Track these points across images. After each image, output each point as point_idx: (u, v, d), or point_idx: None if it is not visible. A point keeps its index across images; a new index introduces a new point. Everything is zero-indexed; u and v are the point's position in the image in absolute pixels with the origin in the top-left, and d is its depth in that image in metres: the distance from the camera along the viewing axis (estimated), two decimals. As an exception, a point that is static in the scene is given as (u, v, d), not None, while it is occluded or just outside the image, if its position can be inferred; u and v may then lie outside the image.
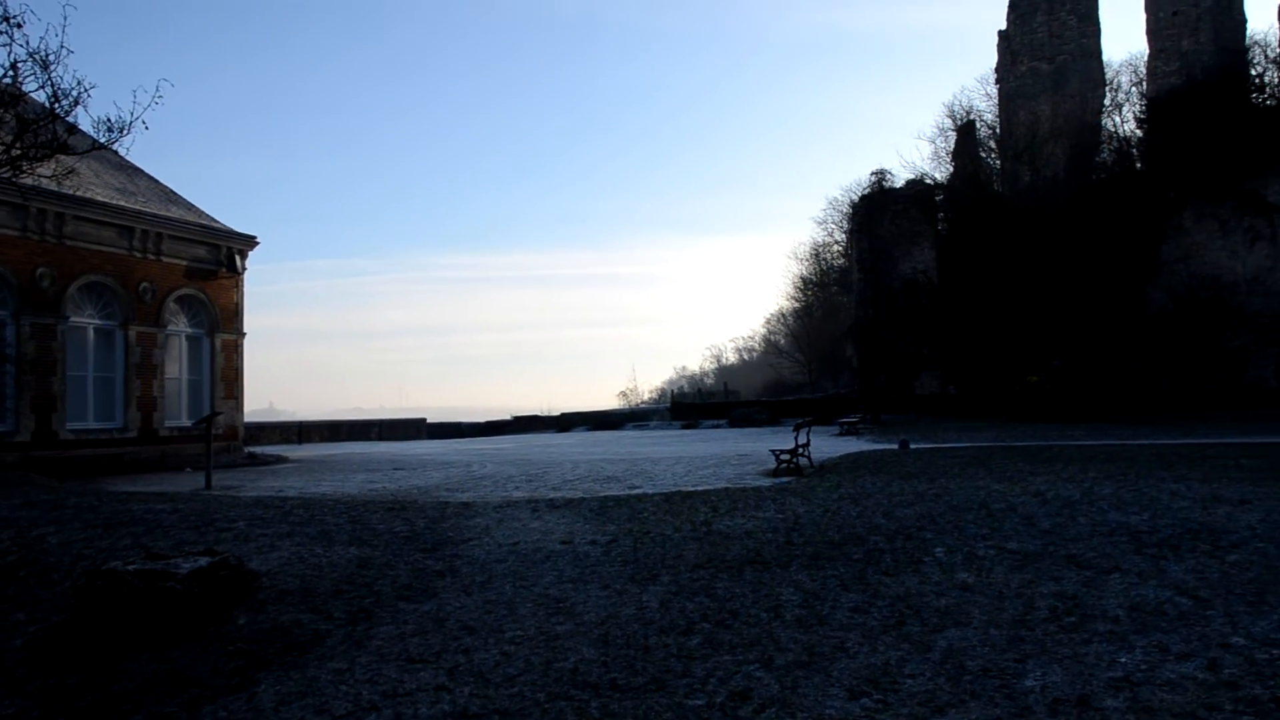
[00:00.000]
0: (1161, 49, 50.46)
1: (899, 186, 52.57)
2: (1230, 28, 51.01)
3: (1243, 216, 45.70)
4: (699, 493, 16.24)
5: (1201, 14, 49.74)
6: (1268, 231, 45.36)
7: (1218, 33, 49.89)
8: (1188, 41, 49.67)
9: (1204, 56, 49.16)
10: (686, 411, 52.23)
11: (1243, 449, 21.27)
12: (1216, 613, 7.37)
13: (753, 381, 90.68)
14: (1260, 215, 45.41)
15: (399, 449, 37.03)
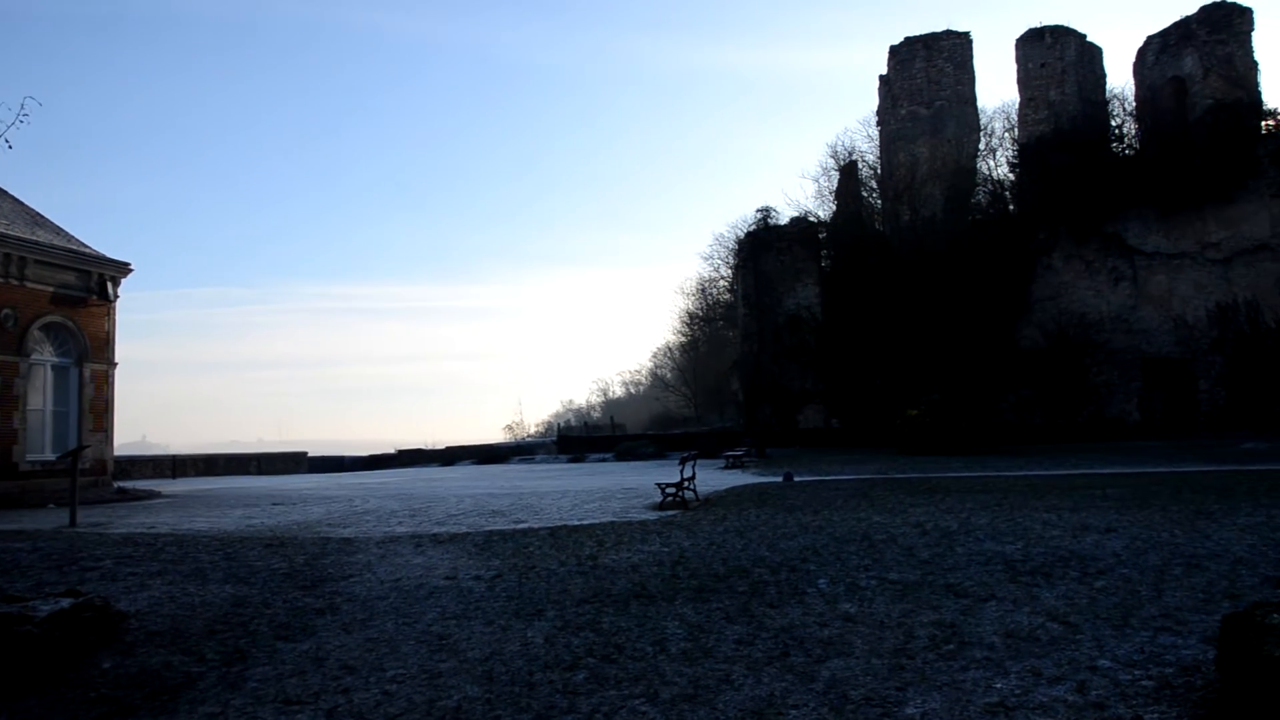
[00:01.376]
0: (1031, 98, 52.62)
1: (784, 224, 53.61)
2: (1092, 81, 53.54)
3: (1106, 258, 47.79)
4: (585, 527, 16.17)
5: (1066, 67, 52.08)
6: (1129, 272, 47.50)
7: (1081, 85, 52.30)
8: (1055, 92, 51.91)
9: (1070, 106, 51.43)
10: (573, 445, 52.07)
11: (1108, 479, 22.10)
12: (1085, 637, 7.61)
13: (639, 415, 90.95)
14: (1122, 257, 47.55)
15: (278, 483, 36.05)
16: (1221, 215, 46.73)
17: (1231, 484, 19.77)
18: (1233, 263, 46.59)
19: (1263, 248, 46.34)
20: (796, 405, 49.91)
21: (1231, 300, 46.27)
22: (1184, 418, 46.71)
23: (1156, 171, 46.95)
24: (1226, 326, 46.18)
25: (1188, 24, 50.21)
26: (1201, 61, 49.04)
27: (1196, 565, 10.54)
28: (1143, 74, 53.60)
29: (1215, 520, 14.10)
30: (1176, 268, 47.14)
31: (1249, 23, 49.41)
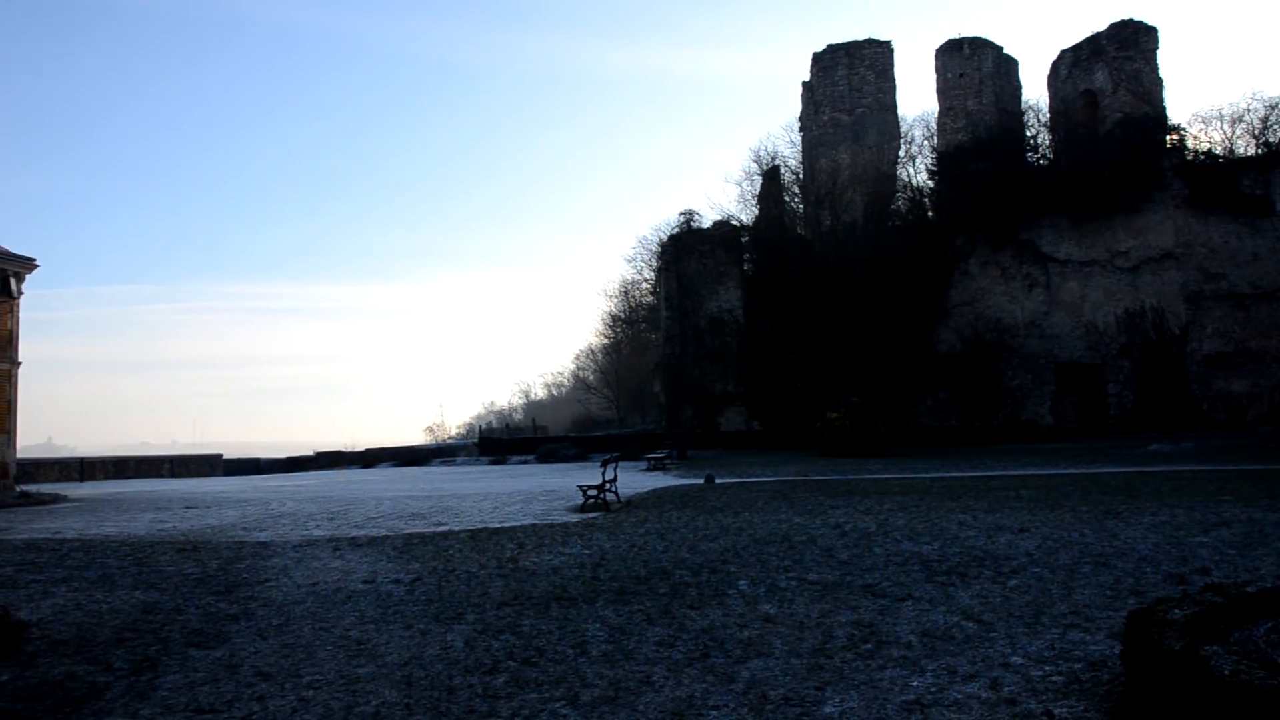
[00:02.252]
0: (950, 107, 53.65)
1: (706, 227, 53.88)
2: (1009, 92, 54.81)
3: (1021, 264, 48.91)
4: (506, 529, 16.07)
5: (984, 78, 53.21)
6: (1042, 279, 48.66)
7: (998, 95, 53.48)
8: (973, 102, 53.00)
9: (987, 116, 52.54)
10: (495, 447, 51.75)
11: (1022, 480, 22.58)
12: (998, 635, 7.76)
13: (561, 417, 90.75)
14: (1036, 264, 48.70)
15: (192, 486, 35.27)
16: (1130, 225, 48.16)
17: (1138, 485, 20.33)
18: (1140, 271, 48.02)
19: (1168, 256, 47.86)
20: (718, 407, 50.20)
21: (1139, 307, 47.67)
22: (1094, 420, 48.01)
23: (1069, 181, 48.19)
24: (1134, 332, 47.56)
25: (1098, 40, 51.68)
26: (1111, 76, 50.47)
27: (1104, 564, 10.81)
28: (1056, 86, 55.01)
29: (1122, 520, 14.48)
30: (1088, 275, 48.42)
31: (1154, 41, 51.02)
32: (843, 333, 46.38)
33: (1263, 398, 47.59)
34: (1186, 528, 13.49)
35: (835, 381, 46.69)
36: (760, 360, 49.40)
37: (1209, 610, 6.01)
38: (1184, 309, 47.61)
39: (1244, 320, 47.77)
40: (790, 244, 50.82)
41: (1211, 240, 48.21)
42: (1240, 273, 47.93)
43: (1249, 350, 47.63)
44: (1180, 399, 46.25)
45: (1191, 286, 47.88)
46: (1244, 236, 48.10)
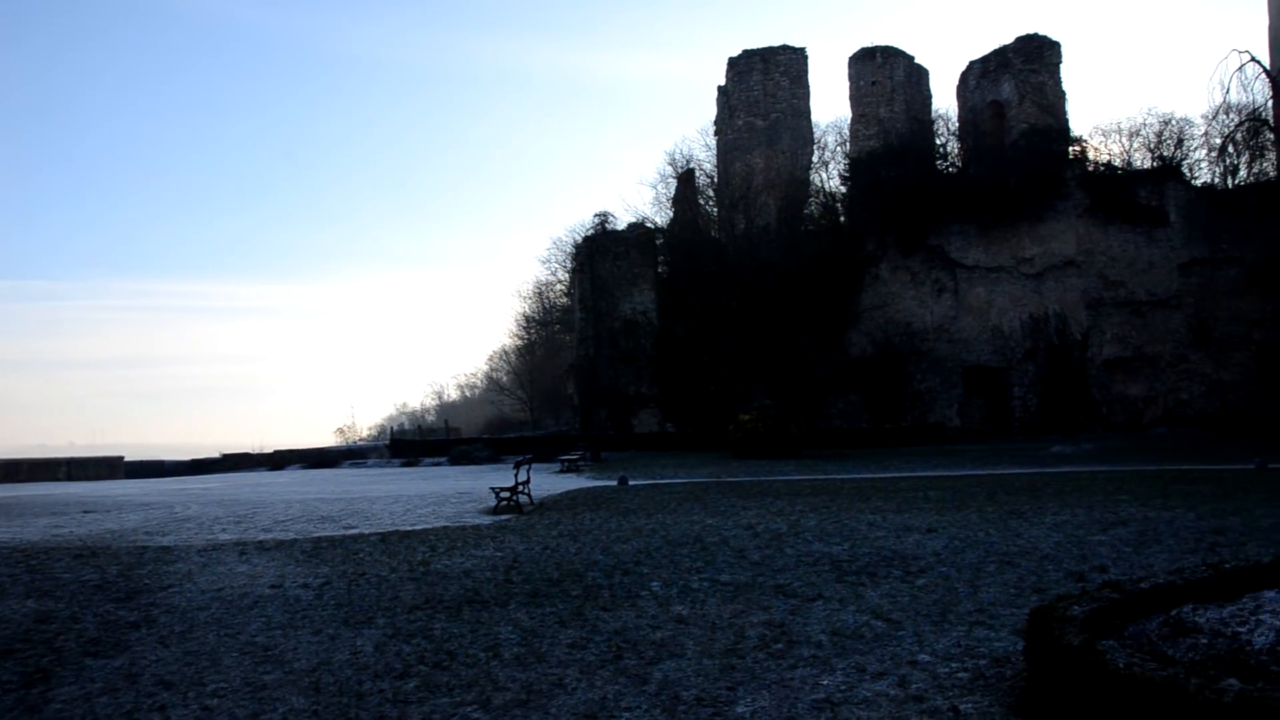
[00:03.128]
0: (862, 114, 54.51)
1: (621, 229, 53.93)
2: (919, 100, 55.91)
3: (930, 270, 49.90)
4: (417, 532, 15.90)
5: (895, 86, 54.20)
6: (951, 284, 49.71)
7: (909, 104, 54.52)
8: (884, 109, 53.93)
9: (898, 124, 53.51)
10: (406, 449, 51.15)
11: (930, 481, 23.02)
12: (907, 633, 7.89)
13: (474, 418, 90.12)
14: (945, 269, 49.74)
15: (91, 489, 34.21)
16: (1034, 233, 49.48)
17: (1041, 485, 20.86)
18: (1044, 277, 49.35)
19: (1070, 264, 49.28)
20: (632, 409, 50.31)
21: (1043, 313, 48.99)
22: (1000, 422, 49.20)
23: (977, 189, 49.32)
24: (1038, 337, 48.86)
25: (1005, 52, 53.03)
26: (1017, 88, 51.79)
27: (1009, 562, 11.08)
28: (965, 96, 56.28)
29: (1026, 520, 14.85)
30: (994, 281, 49.60)
31: (1058, 55, 52.53)
32: (756, 335, 46.81)
33: (1157, 401, 49.26)
34: (1086, 527, 13.88)
35: (748, 384, 47.12)
36: (674, 362, 49.63)
37: (1106, 606, 6.19)
38: (1085, 315, 49.04)
39: (1140, 326, 49.40)
40: (704, 247, 51.15)
41: (1111, 249, 49.77)
42: (1137, 280, 49.57)
43: (1145, 355, 49.27)
44: (1081, 402, 47.61)
45: (1092, 293, 49.35)
46: (1141, 246, 49.76)
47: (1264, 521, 13.83)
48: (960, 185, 50.38)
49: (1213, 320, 49.56)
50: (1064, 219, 49.56)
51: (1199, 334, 49.50)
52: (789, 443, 35.92)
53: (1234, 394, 49.32)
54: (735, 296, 47.41)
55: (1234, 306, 49.29)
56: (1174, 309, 49.53)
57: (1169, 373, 49.38)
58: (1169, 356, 49.39)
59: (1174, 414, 48.86)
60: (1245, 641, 5.58)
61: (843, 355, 49.01)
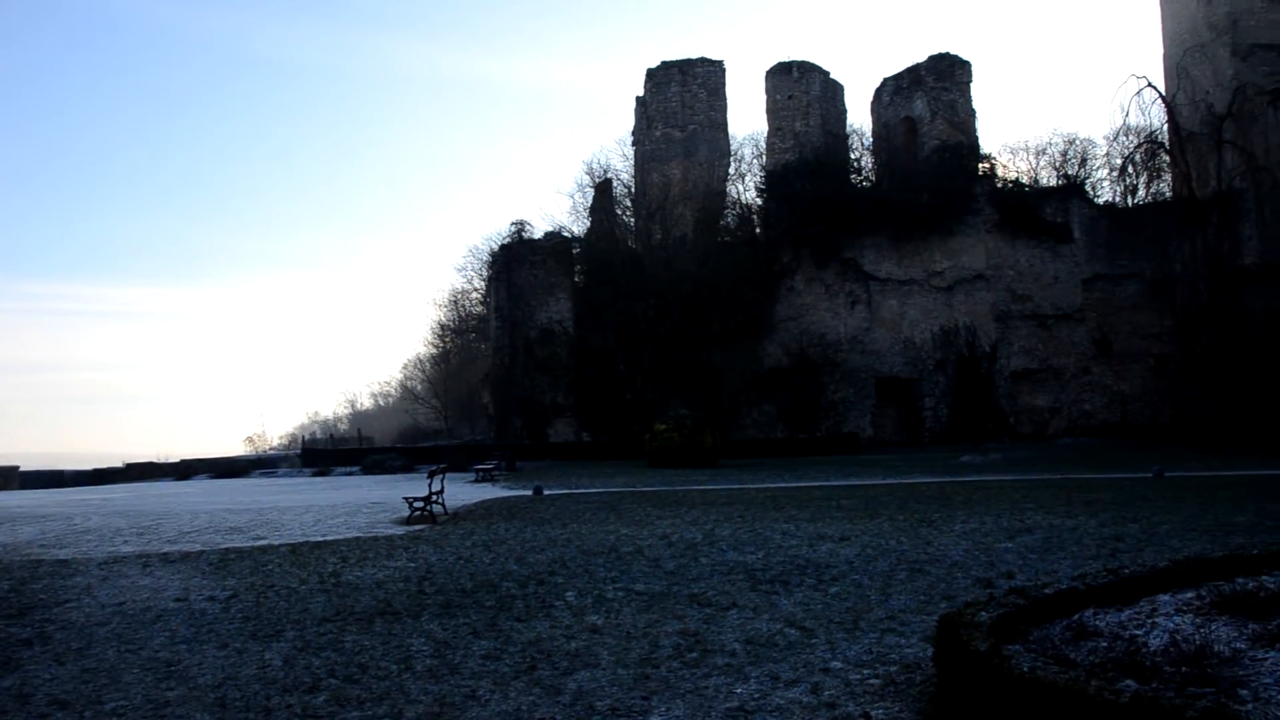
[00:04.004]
0: (779, 127, 55.14)
1: (538, 238, 53.73)
2: (834, 115, 56.79)
3: (844, 282, 50.62)
4: (329, 543, 15.64)
5: (811, 101, 54.96)
6: (864, 296, 50.48)
7: (824, 118, 55.32)
8: (800, 123, 54.64)
9: (813, 138, 54.24)
10: (318, 458, 50.29)
11: (843, 491, 23.32)
12: (820, 641, 7.98)
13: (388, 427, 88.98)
14: (858, 282, 50.50)
15: (-15, 500, 33.01)
16: (945, 247, 50.52)
17: (950, 494, 21.27)
18: (954, 290, 50.41)
19: (979, 277, 50.42)
20: (548, 419, 50.12)
21: (954, 325, 50.02)
22: (912, 432, 50.09)
23: (890, 203, 50.18)
24: (949, 349, 49.86)
25: (918, 70, 54.15)
26: (929, 105, 52.90)
27: (919, 570, 11.26)
28: (879, 112, 57.29)
29: (936, 528, 15.12)
30: (906, 293, 50.50)
31: (968, 74, 53.83)
32: (672, 345, 47.00)
33: (1062, 412, 50.63)
34: (994, 534, 14.18)
35: (664, 394, 47.27)
36: (590, 372, 49.58)
37: (1012, 612, 6.33)
38: (994, 327, 50.19)
39: (1046, 339, 50.76)
40: (621, 257, 51.22)
41: (1019, 263, 51.08)
42: (1044, 294, 50.95)
43: (1051, 367, 50.64)
44: (990, 412, 48.68)
45: (1001, 306, 50.55)
46: (1047, 261, 51.18)
47: (1161, 528, 14.27)
48: (874, 199, 51.22)
49: (1114, 334, 51.17)
50: (974, 234, 50.73)
51: (1101, 347, 51.06)
52: (705, 452, 36.09)
53: (1133, 405, 50.94)
54: (651, 306, 47.56)
55: (1133, 321, 50.97)
56: (1078, 322, 51.00)
57: (1073, 384, 50.82)
58: (1073, 368, 50.84)
59: (1078, 424, 50.30)
60: (1142, 644, 5.75)
61: (758, 366, 49.44)
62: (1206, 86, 50.71)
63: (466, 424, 70.39)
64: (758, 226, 54.38)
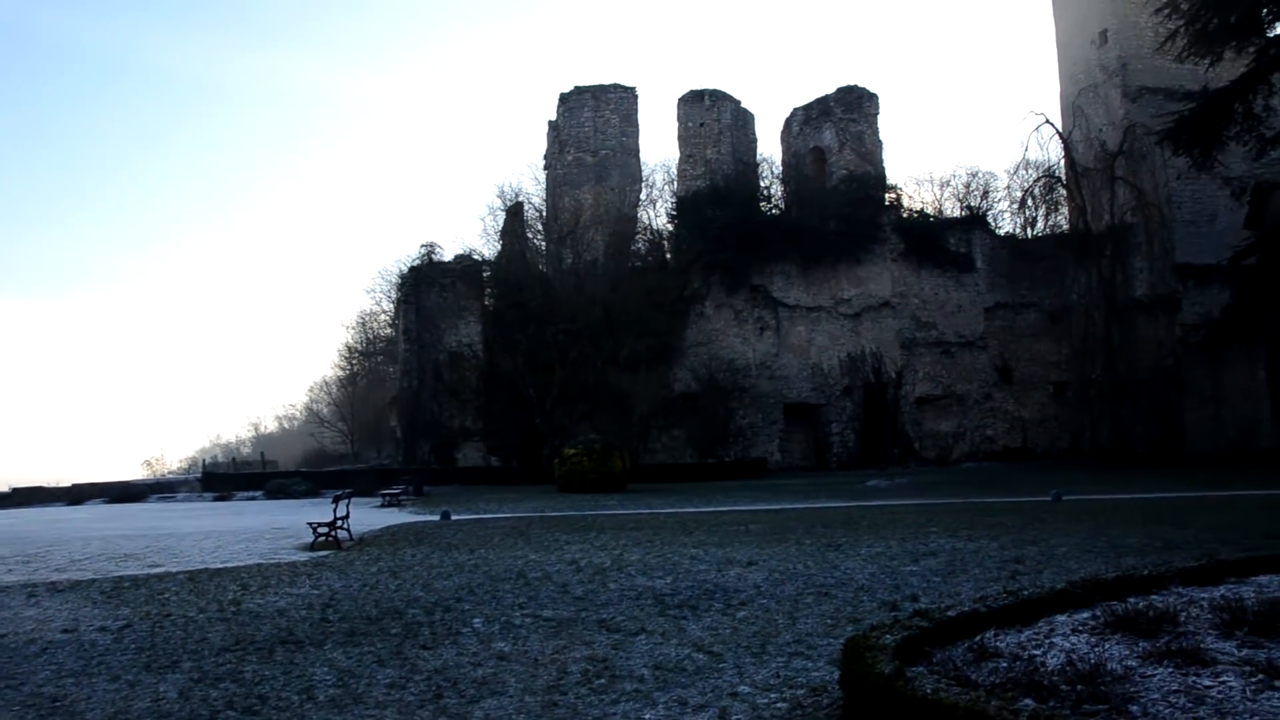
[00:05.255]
0: (690, 154, 55.72)
1: (448, 261, 53.33)
2: (745, 144, 57.59)
3: (754, 308, 51.21)
4: (228, 570, 15.24)
5: (723, 129, 55.68)
6: (773, 322, 51.11)
7: (735, 146, 56.07)
8: (711, 151, 55.29)
9: (724, 165, 54.91)
10: (220, 482, 49.09)
11: (752, 515, 23.45)
12: (728, 665, 7.98)
13: (293, 451, 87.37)
14: (767, 308, 51.12)
15: None
16: (852, 274, 51.49)
17: (857, 518, 21.53)
18: (861, 318, 51.35)
19: (885, 305, 51.46)
20: (456, 443, 49.64)
21: (860, 351, 50.91)
22: (820, 457, 50.76)
23: (799, 231, 51.01)
24: (856, 375, 50.72)
25: (827, 101, 55.29)
26: (838, 136, 53.99)
27: (826, 594, 11.36)
28: (789, 141, 58.29)
29: (843, 552, 15.28)
30: (814, 320, 51.27)
31: (876, 107, 55.13)
32: (582, 370, 46.98)
33: (965, 437, 51.83)
34: (899, 558, 14.38)
35: (574, 418, 47.20)
36: (500, 396, 49.30)
37: (916, 634, 6.41)
38: (899, 354, 51.21)
39: (950, 366, 51.99)
40: (532, 280, 51.15)
41: (923, 292, 52.30)
42: (947, 322, 52.22)
43: (954, 393, 51.86)
44: (896, 437, 49.58)
45: (906, 334, 51.63)
46: (950, 289, 52.52)
47: (1059, 550, 14.62)
48: (783, 227, 51.98)
49: (1014, 361, 52.68)
50: (880, 262, 51.80)
51: (1003, 374, 52.47)
52: (614, 477, 36.06)
53: (1033, 430, 52.42)
54: (562, 331, 47.51)
55: (1033, 349, 52.56)
56: (980, 350, 52.35)
57: (975, 410, 52.10)
58: (976, 395, 52.15)
59: (980, 449, 51.55)
60: (1040, 663, 5.87)
61: (668, 391, 49.67)
62: (1100, 125, 52.66)
63: (373, 448, 69.42)
64: (668, 252, 54.77)
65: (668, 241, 55.55)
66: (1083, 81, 55.85)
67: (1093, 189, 48.42)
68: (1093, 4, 55.77)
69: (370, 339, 76.18)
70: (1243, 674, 5.43)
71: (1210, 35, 38.38)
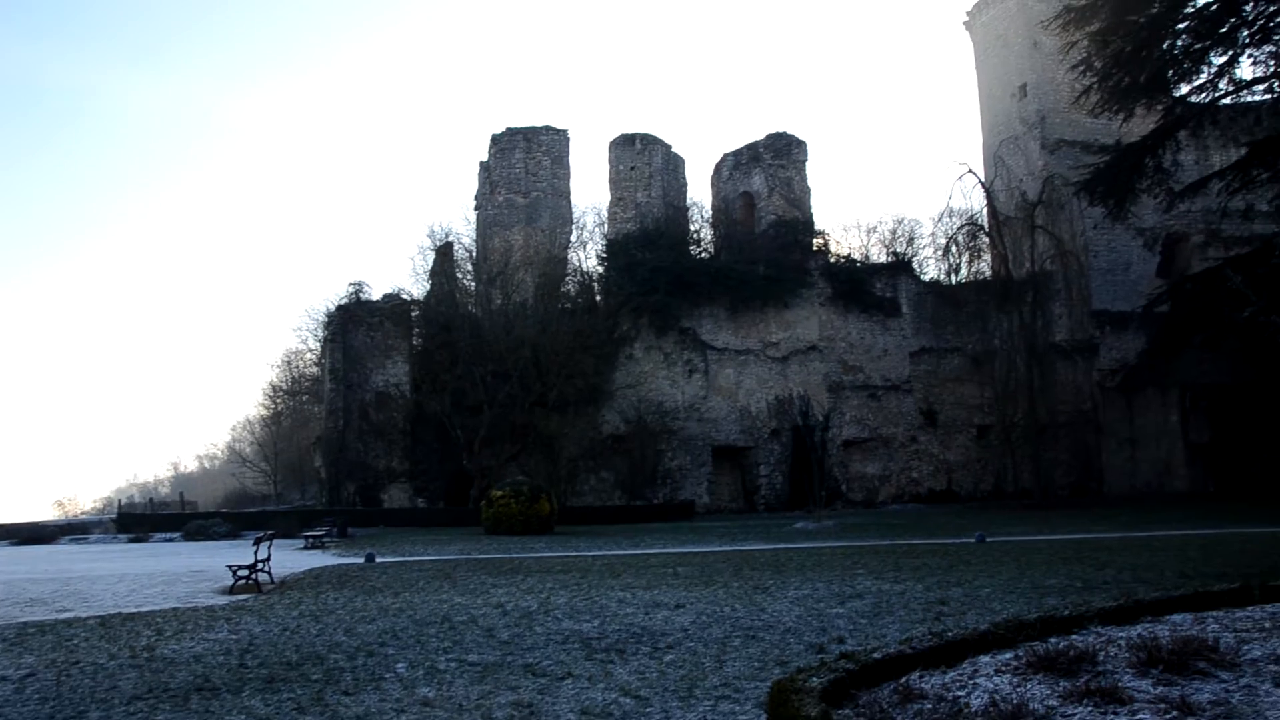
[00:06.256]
0: (620, 198, 56.04)
1: (376, 300, 52.82)
2: (676, 188, 58.13)
3: (682, 351, 51.41)
4: (143, 614, 14.79)
5: (653, 173, 56.14)
6: (702, 365, 51.34)
7: (666, 190, 56.56)
8: (642, 194, 55.68)
9: (655, 209, 55.31)
10: (136, 523, 47.75)
11: (679, 558, 23.39)
12: (655, 709, 7.91)
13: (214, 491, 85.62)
14: (696, 351, 51.37)
15: None
16: (781, 318, 52.03)
17: (784, 561, 21.59)
18: (789, 361, 51.84)
19: (813, 349, 52.04)
20: (382, 484, 48.94)
21: (788, 394, 51.33)
22: (748, 499, 50.94)
23: (728, 275, 51.47)
24: (783, 418, 51.09)
25: (756, 148, 56.15)
26: (767, 181, 54.77)
27: (753, 636, 11.34)
28: (719, 186, 58.98)
29: (770, 594, 15.30)
30: (743, 363, 51.62)
31: (804, 154, 56.08)
32: (510, 411, 46.68)
33: (891, 479, 52.47)
34: (826, 600, 14.43)
35: (502, 460, 46.85)
36: (427, 437, 48.77)
37: (842, 677, 6.42)
38: (827, 397, 51.74)
39: (876, 409, 52.67)
40: (461, 321, 50.78)
41: (850, 336, 53.03)
42: (873, 366, 52.99)
43: (880, 436, 52.53)
44: (823, 480, 49.92)
45: (833, 377, 52.24)
46: (877, 334, 53.36)
47: (982, 591, 14.79)
48: (712, 270, 52.39)
49: (939, 404, 53.58)
50: (808, 306, 52.43)
51: (928, 417, 53.31)
52: (542, 519, 35.79)
53: (957, 472, 53.25)
54: (490, 372, 47.21)
55: (957, 392, 53.54)
56: (906, 393, 53.13)
57: (901, 453, 52.80)
58: (901, 438, 52.87)
59: (906, 491, 52.21)
60: (964, 704, 5.91)
61: (596, 432, 49.55)
62: (1021, 175, 54.21)
63: (297, 489, 68.25)
64: (598, 294, 54.85)
65: (597, 283, 55.64)
66: (1004, 133, 57.51)
67: (1014, 237, 49.68)
68: (1013, 59, 57.58)
69: (296, 378, 75.10)
70: (1158, 711, 5.53)
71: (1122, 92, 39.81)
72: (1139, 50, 38.53)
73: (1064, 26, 42.66)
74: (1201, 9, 37.35)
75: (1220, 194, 41.26)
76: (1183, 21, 37.75)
